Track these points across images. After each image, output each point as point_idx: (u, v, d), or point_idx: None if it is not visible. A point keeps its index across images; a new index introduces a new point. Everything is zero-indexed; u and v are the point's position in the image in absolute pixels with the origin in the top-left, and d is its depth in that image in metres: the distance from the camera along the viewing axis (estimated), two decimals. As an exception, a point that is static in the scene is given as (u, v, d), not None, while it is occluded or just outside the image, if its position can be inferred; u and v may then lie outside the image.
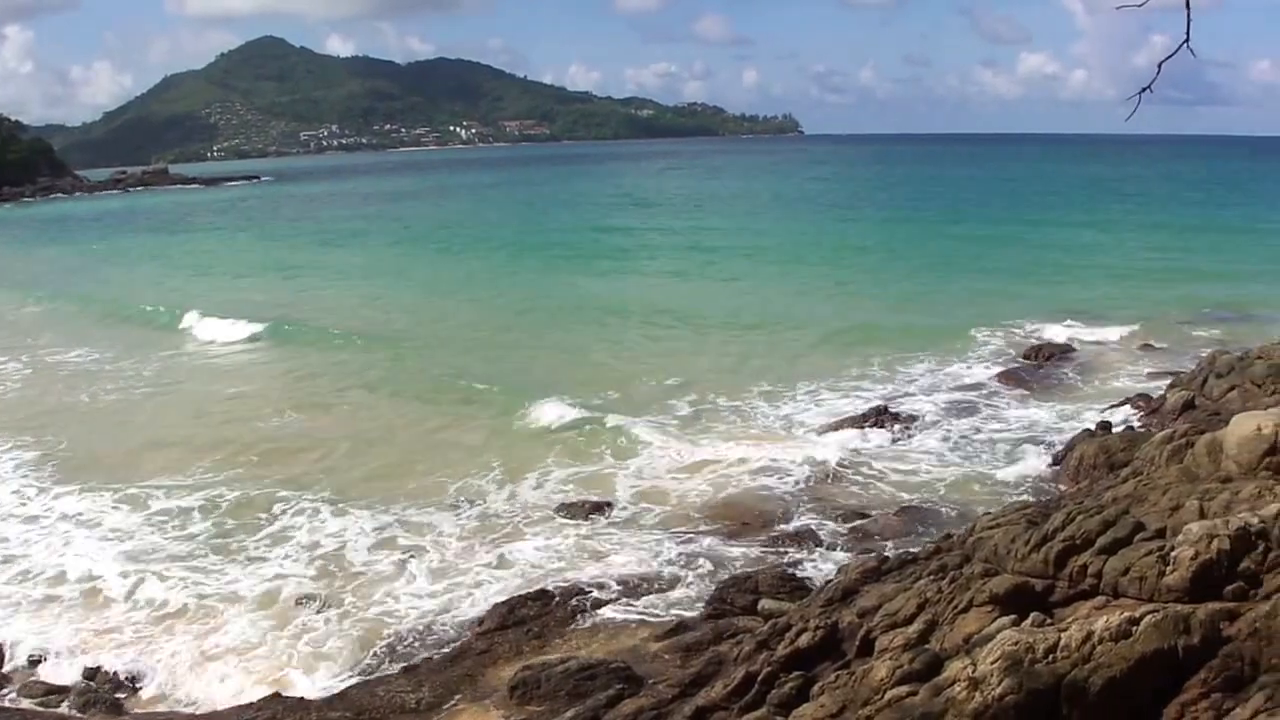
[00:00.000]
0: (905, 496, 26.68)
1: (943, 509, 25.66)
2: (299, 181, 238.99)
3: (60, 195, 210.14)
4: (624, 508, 26.48)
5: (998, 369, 38.71)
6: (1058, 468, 27.56)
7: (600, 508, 26.33)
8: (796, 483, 27.65)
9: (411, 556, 23.98)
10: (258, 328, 51.33)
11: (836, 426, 32.31)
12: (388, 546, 24.65)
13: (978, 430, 31.77)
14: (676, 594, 21.59)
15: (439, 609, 21.58)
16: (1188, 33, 8.20)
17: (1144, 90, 8.84)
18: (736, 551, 23.54)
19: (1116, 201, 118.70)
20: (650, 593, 21.65)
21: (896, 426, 31.90)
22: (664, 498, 27.17)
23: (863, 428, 31.81)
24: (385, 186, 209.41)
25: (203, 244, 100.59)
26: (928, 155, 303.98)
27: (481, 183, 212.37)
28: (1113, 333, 44.39)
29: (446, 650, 19.60)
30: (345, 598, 22.15)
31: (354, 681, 18.72)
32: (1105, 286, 57.39)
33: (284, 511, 26.96)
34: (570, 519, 25.81)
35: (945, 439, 31.10)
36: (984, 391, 35.86)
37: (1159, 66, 8.62)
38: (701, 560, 23.10)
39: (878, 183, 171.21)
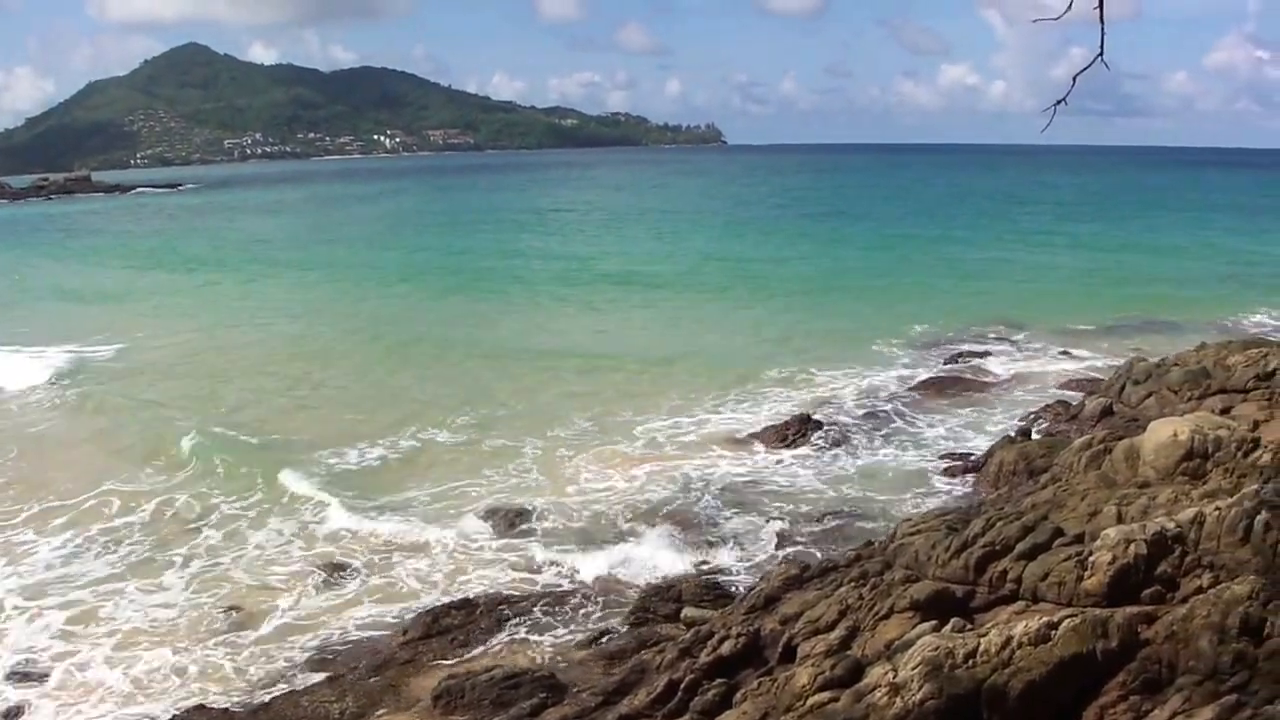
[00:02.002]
0: (826, 504, 26.81)
1: (864, 516, 25.84)
2: (218, 190, 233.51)
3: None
4: (544, 519, 26.31)
5: (917, 379, 39.05)
6: (978, 474, 27.85)
7: (520, 516, 26.22)
8: (718, 493, 27.72)
9: (325, 572, 23.69)
10: (52, 366, 45.42)
11: (757, 437, 32.41)
12: (296, 564, 24.37)
13: (898, 438, 32.02)
14: (600, 603, 21.51)
15: (352, 621, 21.35)
16: (1101, 46, 8.28)
17: (1059, 102, 8.94)
18: (659, 560, 23.49)
19: (1033, 213, 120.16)
20: (573, 602, 21.55)
21: (817, 436, 32.03)
22: (587, 509, 27.08)
23: (785, 437, 31.90)
24: (301, 195, 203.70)
25: (79, 265, 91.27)
26: (848, 166, 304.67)
27: (376, 192, 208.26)
28: (1031, 341, 45.20)
29: (371, 660, 19.36)
30: (260, 613, 21.86)
31: (278, 692, 18.44)
32: (1024, 296, 58.40)
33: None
34: (493, 528, 25.65)
35: (865, 448, 31.33)
36: (904, 401, 36.09)
37: (1074, 79, 8.71)
38: (624, 569, 23.05)
39: (797, 195, 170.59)
